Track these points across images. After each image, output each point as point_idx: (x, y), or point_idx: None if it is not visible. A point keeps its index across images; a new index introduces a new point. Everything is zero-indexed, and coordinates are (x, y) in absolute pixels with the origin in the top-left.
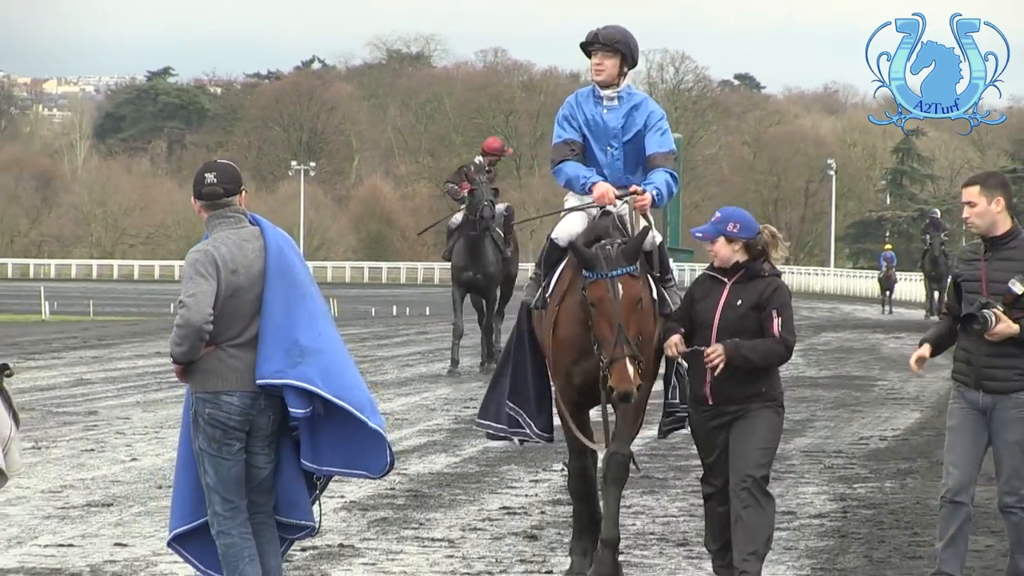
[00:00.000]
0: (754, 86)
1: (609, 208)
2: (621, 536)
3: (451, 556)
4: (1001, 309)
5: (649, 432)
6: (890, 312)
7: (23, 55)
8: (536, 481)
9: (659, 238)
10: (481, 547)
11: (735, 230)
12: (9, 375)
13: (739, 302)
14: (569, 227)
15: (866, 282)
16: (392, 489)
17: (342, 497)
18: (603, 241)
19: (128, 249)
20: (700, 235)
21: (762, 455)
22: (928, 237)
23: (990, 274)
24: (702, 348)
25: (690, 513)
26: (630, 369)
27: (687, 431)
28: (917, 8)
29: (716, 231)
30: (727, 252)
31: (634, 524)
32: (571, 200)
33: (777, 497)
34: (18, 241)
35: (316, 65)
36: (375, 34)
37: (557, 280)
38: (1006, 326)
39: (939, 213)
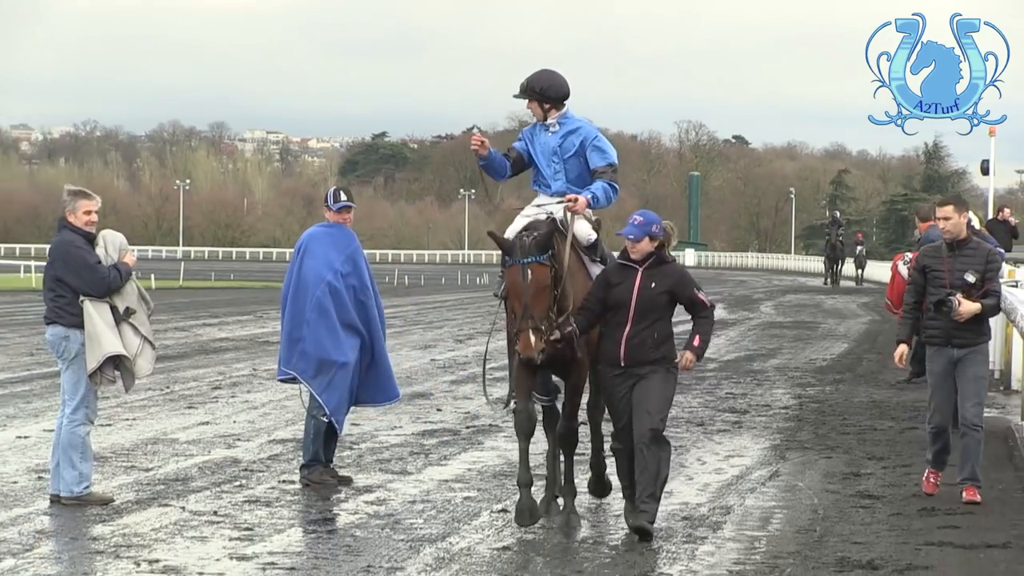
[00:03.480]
0: (744, 143)
1: (550, 211)
2: None
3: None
4: (962, 295)
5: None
6: (861, 283)
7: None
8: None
9: (594, 236)
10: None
11: (657, 230)
12: (132, 314)
13: (652, 284)
14: (515, 226)
15: (813, 263)
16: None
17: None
18: (523, 233)
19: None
20: (631, 236)
21: (659, 410)
22: (829, 230)
23: (953, 268)
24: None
25: (705, 404)
26: (532, 338)
27: None
28: (917, 8)
29: (643, 233)
30: (649, 247)
31: (670, 412)
32: (527, 208)
33: (757, 398)
34: (293, 239)
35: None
36: (511, 110)
37: None
38: (969, 307)
39: (839, 214)
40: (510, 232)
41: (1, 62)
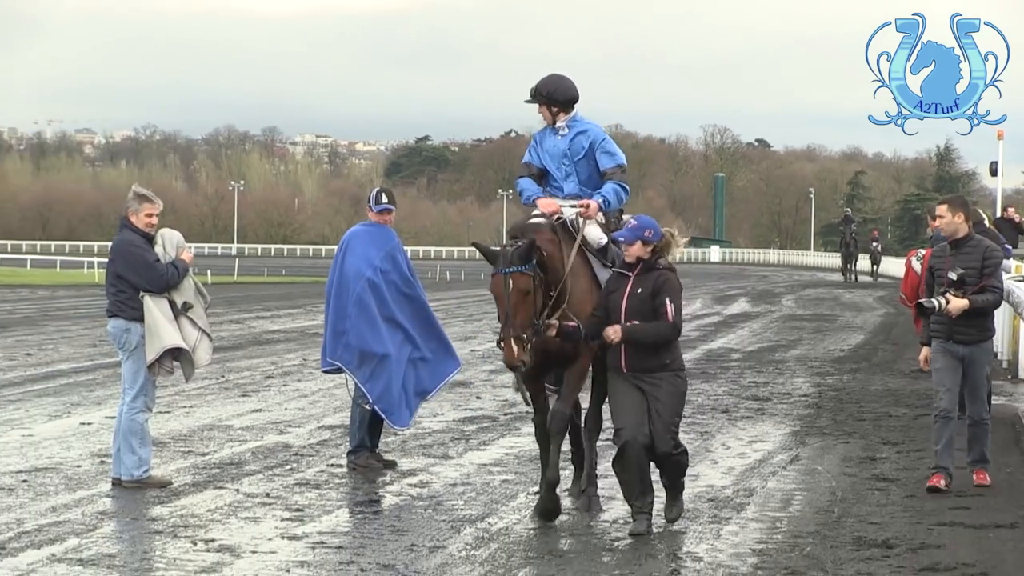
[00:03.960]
0: (766, 145)
1: (561, 215)
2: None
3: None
4: (953, 293)
5: (706, 346)
6: (876, 279)
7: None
8: None
9: (604, 240)
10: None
11: (649, 235)
12: (189, 308)
13: (639, 290)
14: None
15: (831, 259)
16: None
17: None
18: (507, 243)
19: (405, 240)
20: (622, 239)
21: (671, 426)
22: (843, 228)
23: (953, 266)
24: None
25: (729, 392)
26: (514, 347)
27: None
28: (917, 8)
29: (634, 236)
30: (641, 252)
31: (697, 399)
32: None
33: (779, 386)
34: (341, 236)
35: (512, 134)
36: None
37: None
38: (958, 303)
39: (851, 212)
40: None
41: (67, 70)
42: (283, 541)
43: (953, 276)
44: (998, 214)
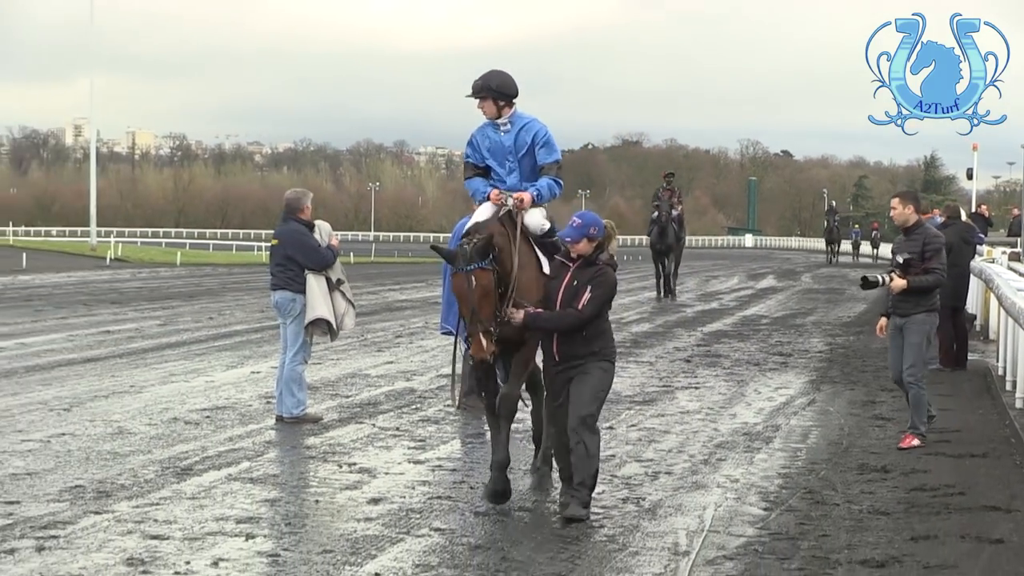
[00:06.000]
0: (789, 155)
1: (506, 205)
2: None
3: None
4: (897, 272)
5: (707, 327)
6: (857, 259)
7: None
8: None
9: (547, 225)
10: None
11: (594, 232)
12: (342, 283)
13: (575, 282)
14: (471, 222)
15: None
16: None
17: None
18: (463, 240)
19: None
20: (568, 239)
21: (591, 400)
22: (827, 217)
23: (900, 250)
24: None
25: (760, 349)
26: (483, 341)
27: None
28: (917, 8)
29: (580, 235)
30: (587, 249)
31: (734, 355)
32: (484, 206)
33: (799, 345)
34: (453, 225)
35: (589, 146)
36: (617, 131)
37: None
38: (899, 283)
39: (835, 203)
40: (470, 223)
41: (242, 94)
42: (409, 465)
43: (900, 259)
44: (973, 210)
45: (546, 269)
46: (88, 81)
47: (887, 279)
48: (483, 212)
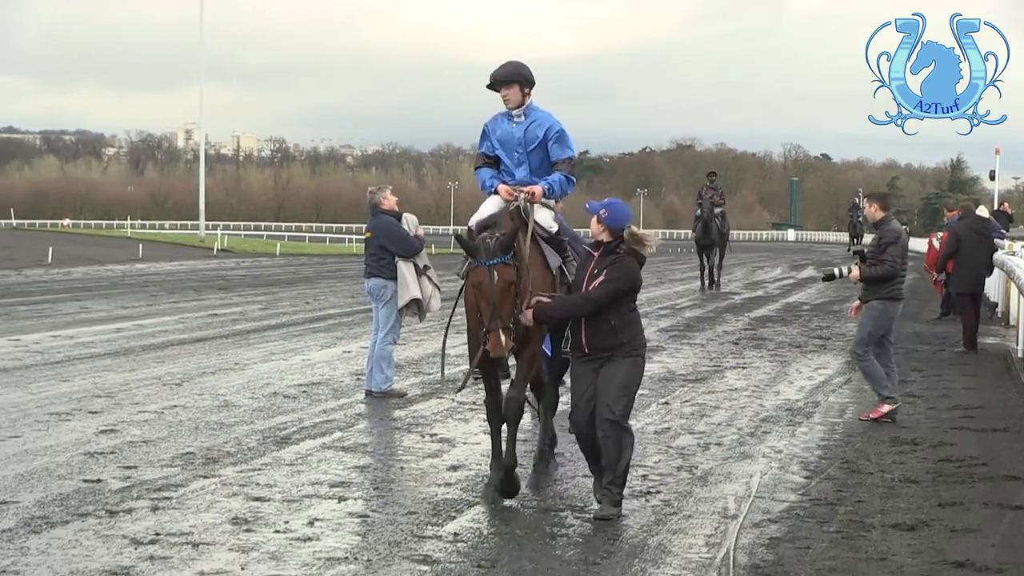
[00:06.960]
0: (828, 158)
1: (516, 201)
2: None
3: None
4: (857, 262)
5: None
6: None
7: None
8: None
9: (555, 227)
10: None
11: (604, 215)
12: (428, 269)
13: (596, 270)
14: (479, 215)
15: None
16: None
17: None
18: (484, 234)
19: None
20: (587, 207)
21: (619, 394)
22: (851, 213)
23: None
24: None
25: (801, 333)
26: (502, 338)
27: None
28: (917, 8)
29: (594, 210)
30: (596, 229)
31: (778, 338)
32: (491, 198)
33: (836, 328)
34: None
35: (647, 149)
36: (672, 135)
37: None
38: (854, 273)
39: (858, 200)
40: (475, 219)
41: (336, 102)
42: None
43: (855, 252)
44: (996, 207)
45: (552, 267)
46: (198, 90)
47: (846, 271)
48: (491, 205)
